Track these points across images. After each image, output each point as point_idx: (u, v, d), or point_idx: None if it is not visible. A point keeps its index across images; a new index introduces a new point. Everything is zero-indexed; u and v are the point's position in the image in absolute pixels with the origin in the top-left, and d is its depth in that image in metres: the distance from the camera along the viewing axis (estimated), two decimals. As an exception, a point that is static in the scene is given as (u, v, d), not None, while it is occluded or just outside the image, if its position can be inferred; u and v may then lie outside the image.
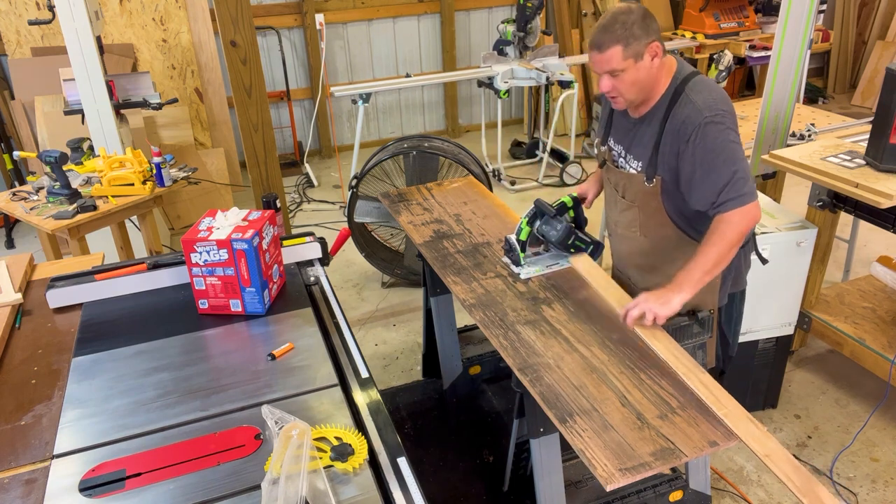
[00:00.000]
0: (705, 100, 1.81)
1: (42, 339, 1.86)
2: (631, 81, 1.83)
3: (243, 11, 3.32)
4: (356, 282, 4.10)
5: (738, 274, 2.11)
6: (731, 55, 4.09)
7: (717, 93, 1.84)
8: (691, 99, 1.82)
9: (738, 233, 1.80)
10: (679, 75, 1.88)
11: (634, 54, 1.79)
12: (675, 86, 1.86)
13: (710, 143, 1.79)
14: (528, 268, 2.13)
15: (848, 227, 3.71)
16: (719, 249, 1.79)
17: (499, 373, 2.83)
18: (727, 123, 1.80)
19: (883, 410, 2.84)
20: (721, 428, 1.50)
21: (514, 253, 2.13)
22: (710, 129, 1.78)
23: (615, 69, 1.81)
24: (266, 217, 1.92)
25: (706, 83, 1.86)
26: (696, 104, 1.81)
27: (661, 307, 1.76)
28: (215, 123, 5.32)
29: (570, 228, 2.11)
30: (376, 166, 3.67)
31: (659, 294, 1.78)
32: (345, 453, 1.38)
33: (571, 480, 2.17)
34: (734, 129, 1.82)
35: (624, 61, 1.79)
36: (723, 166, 1.78)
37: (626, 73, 1.81)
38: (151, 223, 3.43)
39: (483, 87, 5.14)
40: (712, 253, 1.79)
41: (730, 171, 1.78)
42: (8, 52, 4.75)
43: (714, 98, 1.82)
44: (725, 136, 1.79)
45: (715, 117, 1.79)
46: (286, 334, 1.82)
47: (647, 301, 1.77)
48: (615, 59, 1.79)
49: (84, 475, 1.37)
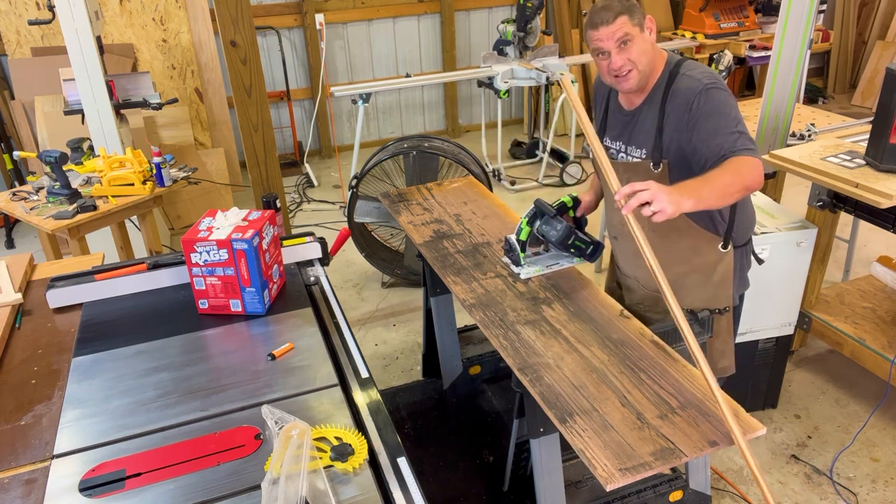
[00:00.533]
0: (702, 72, 1.87)
1: (42, 339, 1.86)
2: (641, 51, 1.86)
3: (243, 11, 3.32)
4: (356, 282, 4.10)
5: (743, 273, 2.14)
6: (731, 55, 4.09)
7: (709, 70, 1.90)
8: (688, 74, 1.87)
9: (749, 176, 1.71)
10: (671, 60, 1.94)
11: (639, 23, 1.85)
12: (670, 69, 1.91)
13: (714, 103, 1.81)
14: (527, 268, 2.13)
15: (848, 227, 3.71)
16: (729, 179, 1.68)
17: (499, 373, 2.83)
18: (723, 88, 1.84)
19: (883, 410, 2.84)
20: (721, 428, 1.50)
21: (514, 253, 2.13)
22: (713, 92, 1.82)
23: (627, 34, 1.82)
24: (266, 217, 1.92)
25: (698, 64, 1.92)
26: (694, 76, 1.86)
27: (670, 204, 1.55)
28: (215, 123, 5.32)
29: (570, 228, 2.11)
30: (376, 166, 3.67)
31: (671, 191, 1.59)
32: (345, 453, 1.38)
33: (571, 480, 2.17)
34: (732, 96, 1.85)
35: (633, 27, 1.83)
36: (730, 121, 1.79)
37: (635, 41, 1.84)
38: (151, 223, 3.43)
39: (483, 87, 5.14)
40: (723, 179, 1.68)
41: (736, 127, 1.79)
42: (8, 52, 4.75)
43: (709, 72, 1.88)
44: (728, 99, 1.83)
45: (716, 83, 1.83)
46: (286, 334, 1.82)
47: (659, 191, 1.55)
48: (626, 26, 1.82)
49: (84, 475, 1.37)
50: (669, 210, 1.55)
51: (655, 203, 1.55)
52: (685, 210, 1.60)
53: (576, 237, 2.11)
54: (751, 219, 2.12)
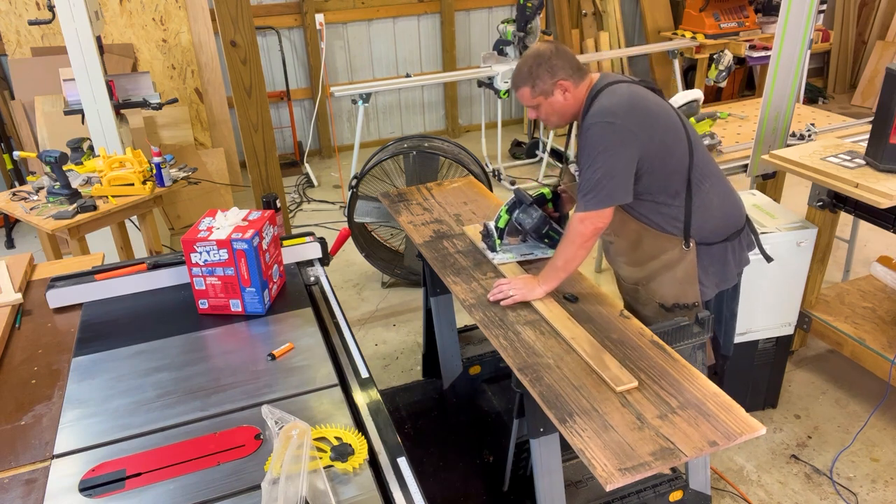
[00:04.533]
0: (602, 105, 1.92)
1: (42, 339, 1.87)
2: (548, 112, 2.03)
3: (243, 11, 3.31)
4: (356, 282, 4.10)
5: (726, 269, 2.13)
6: (731, 55, 4.09)
7: (617, 99, 1.91)
8: (593, 105, 1.94)
9: (580, 234, 1.93)
10: (595, 88, 1.98)
11: (542, 92, 1.98)
12: (590, 97, 1.98)
13: (589, 143, 1.91)
14: (501, 254, 2.19)
15: (848, 227, 3.71)
16: (565, 249, 1.96)
17: (499, 373, 2.83)
18: (613, 128, 1.88)
19: (883, 410, 2.84)
20: (721, 428, 1.50)
21: (491, 239, 2.19)
22: (592, 130, 1.91)
23: (528, 105, 2.04)
24: (266, 217, 1.92)
25: (613, 92, 1.94)
26: (594, 109, 1.93)
27: (525, 293, 1.96)
28: (215, 123, 5.32)
29: (545, 218, 2.16)
30: (376, 166, 3.67)
31: (528, 281, 2.00)
32: (345, 453, 1.38)
33: (571, 480, 2.17)
34: (623, 132, 1.88)
35: (533, 99, 2.00)
36: (587, 168, 1.91)
37: (541, 106, 2.02)
38: (151, 223, 3.43)
39: (483, 87, 5.14)
40: (561, 253, 1.97)
41: (591, 173, 1.90)
42: (8, 52, 4.75)
43: (612, 103, 1.91)
44: (600, 141, 1.89)
45: (601, 121, 1.89)
46: (286, 334, 1.82)
47: (515, 286, 1.98)
48: (525, 98, 2.01)
49: (84, 475, 1.37)
50: (519, 296, 1.96)
51: (512, 292, 1.96)
52: (543, 293, 1.97)
53: (550, 227, 2.17)
54: (721, 217, 2.09)
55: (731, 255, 2.12)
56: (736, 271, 2.17)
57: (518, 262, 2.18)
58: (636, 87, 1.97)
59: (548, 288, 1.98)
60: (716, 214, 2.07)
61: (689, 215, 2.03)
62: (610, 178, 1.88)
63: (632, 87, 1.95)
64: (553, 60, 1.94)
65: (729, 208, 2.11)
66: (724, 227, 2.09)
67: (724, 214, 2.10)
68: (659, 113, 1.95)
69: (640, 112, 1.91)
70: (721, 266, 2.11)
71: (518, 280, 2.01)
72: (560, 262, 1.97)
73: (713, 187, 2.05)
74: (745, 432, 1.49)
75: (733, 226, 2.11)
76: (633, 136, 1.88)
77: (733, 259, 2.13)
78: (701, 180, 2.02)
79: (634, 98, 1.92)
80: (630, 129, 1.88)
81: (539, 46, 2.00)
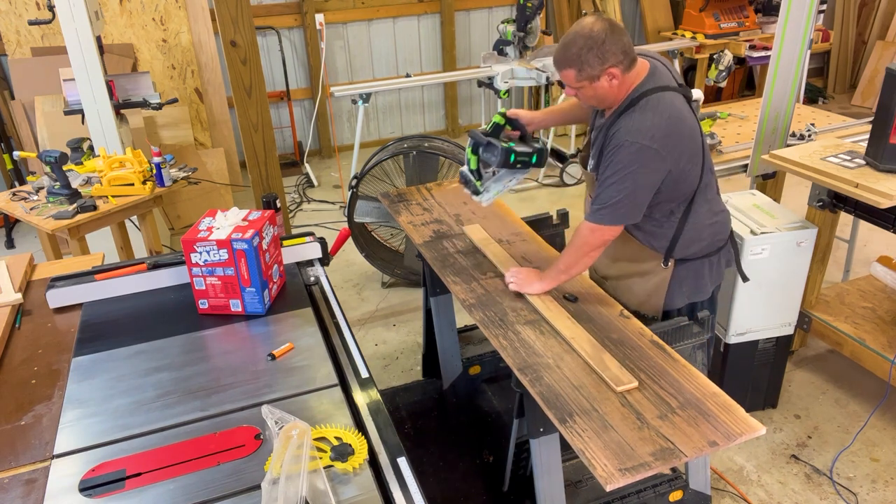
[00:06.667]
0: (642, 122, 1.84)
1: (42, 339, 1.87)
2: (588, 96, 1.92)
3: (243, 11, 3.31)
4: (356, 282, 4.10)
5: (700, 283, 2.11)
6: (731, 55, 4.09)
7: (658, 119, 1.84)
8: (634, 116, 1.86)
9: (587, 243, 1.94)
10: (641, 88, 1.89)
11: (589, 77, 1.85)
12: (633, 97, 1.88)
13: (619, 161, 1.85)
14: (486, 194, 2.16)
15: (848, 227, 3.71)
16: (570, 254, 1.98)
17: (499, 373, 2.83)
18: (647, 154, 1.82)
19: (883, 410, 2.84)
20: (721, 428, 1.50)
21: (472, 184, 2.16)
22: (623, 151, 1.83)
23: (570, 86, 1.91)
24: (266, 217, 1.92)
25: (659, 105, 1.86)
26: (632, 123, 1.85)
27: (522, 286, 2.02)
28: (215, 123, 5.32)
29: (506, 150, 2.06)
30: (376, 166, 3.67)
31: (529, 275, 2.04)
32: (345, 453, 1.38)
33: (571, 480, 2.17)
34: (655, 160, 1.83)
35: (578, 83, 1.87)
36: (614, 185, 1.86)
37: (584, 90, 1.89)
38: (151, 223, 3.43)
39: (483, 87, 5.13)
40: (565, 257, 2.00)
41: (614, 192, 1.87)
42: (8, 52, 4.75)
43: (653, 124, 1.83)
44: (632, 161, 1.83)
45: (634, 143, 1.82)
46: (286, 334, 1.82)
47: (517, 276, 2.04)
48: (570, 80, 1.89)
49: (84, 475, 1.37)
50: (515, 286, 2.03)
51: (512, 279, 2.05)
52: (540, 289, 2.01)
53: (515, 154, 2.08)
54: (708, 237, 2.07)
55: (708, 271, 2.10)
56: (711, 287, 2.14)
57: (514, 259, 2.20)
58: (678, 103, 1.90)
59: (545, 286, 2.01)
60: (704, 236, 2.06)
61: (679, 235, 2.02)
62: (631, 199, 1.87)
63: (674, 104, 1.88)
64: (606, 45, 1.79)
65: (717, 227, 2.09)
66: (707, 246, 2.08)
67: (712, 233, 2.08)
68: (690, 137, 1.91)
69: (676, 137, 1.86)
70: (695, 280, 2.09)
71: (523, 272, 2.06)
72: (563, 265, 1.99)
73: (709, 207, 2.04)
74: (745, 432, 1.49)
75: (717, 243, 2.10)
76: (664, 163, 1.85)
77: (709, 274, 2.11)
78: (701, 202, 2.00)
79: (673, 120, 1.86)
80: (663, 156, 1.83)
81: (592, 25, 1.82)
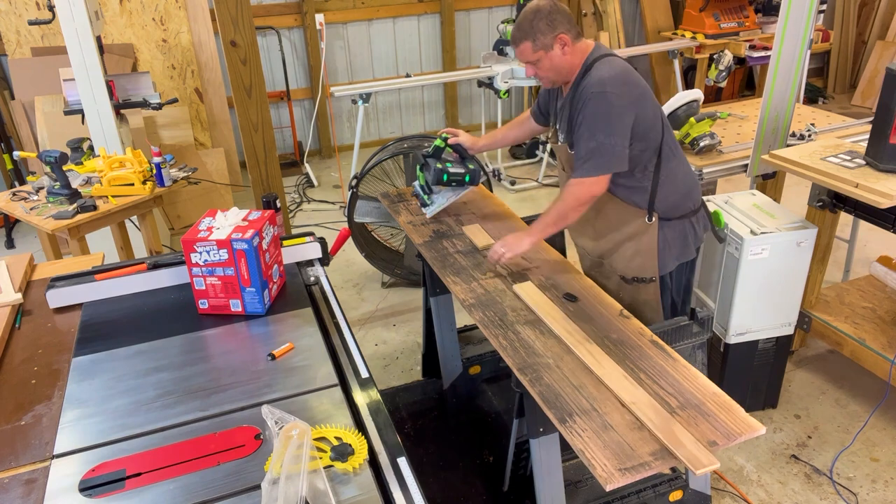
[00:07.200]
0: (601, 75, 2.01)
1: (42, 339, 1.86)
2: (547, 68, 2.10)
3: (243, 11, 3.31)
4: (356, 282, 4.10)
5: (686, 244, 2.26)
6: (731, 55, 4.09)
7: (616, 69, 2.02)
8: (591, 74, 2.04)
9: (575, 198, 2.04)
10: (591, 56, 2.08)
11: (543, 46, 2.06)
12: (586, 64, 2.08)
13: (589, 113, 2.00)
14: (430, 208, 2.43)
15: (848, 227, 3.71)
16: (559, 208, 2.07)
17: (499, 373, 2.83)
18: (611, 99, 1.98)
19: (883, 410, 2.84)
20: (721, 427, 1.50)
21: (420, 197, 2.42)
22: (595, 99, 1.99)
23: (529, 60, 2.10)
24: (266, 217, 1.92)
25: (611, 63, 2.05)
26: (593, 77, 2.02)
27: (509, 249, 2.08)
28: (215, 123, 5.32)
29: (440, 169, 2.36)
30: (376, 166, 3.67)
31: (516, 235, 2.10)
32: (345, 453, 1.38)
33: (571, 480, 2.18)
34: (620, 104, 1.99)
35: (534, 54, 2.07)
36: (590, 136, 2.01)
37: (541, 61, 2.09)
38: (151, 223, 3.43)
39: (483, 87, 5.14)
40: (553, 209, 2.09)
41: (593, 141, 2.00)
42: (8, 52, 4.75)
43: (612, 74, 2.01)
44: (604, 109, 1.98)
45: (599, 92, 1.98)
46: (286, 334, 1.82)
47: (504, 244, 2.09)
48: (527, 53, 2.08)
49: (84, 475, 1.37)
50: (509, 254, 2.07)
51: (503, 249, 2.08)
52: (525, 248, 2.08)
53: (448, 174, 2.37)
54: (683, 193, 2.22)
55: (690, 231, 2.25)
56: (695, 246, 2.30)
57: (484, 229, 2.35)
58: (625, 63, 2.09)
59: (534, 240, 2.10)
60: (679, 189, 2.20)
61: (656, 188, 2.15)
62: (609, 146, 1.99)
63: (623, 62, 2.08)
64: (553, 14, 2.03)
65: (690, 185, 2.26)
66: (684, 203, 2.22)
67: (687, 190, 2.23)
68: (646, 87, 2.08)
69: (634, 85, 2.03)
70: (682, 240, 2.24)
71: (507, 238, 2.11)
72: (551, 217, 2.08)
73: (678, 165, 2.20)
74: (745, 432, 1.49)
75: (692, 203, 2.25)
76: (631, 107, 2.01)
77: (692, 235, 2.26)
78: (669, 156, 2.17)
79: (629, 71, 2.05)
80: (628, 100, 2.00)
81: (537, 2, 2.06)
